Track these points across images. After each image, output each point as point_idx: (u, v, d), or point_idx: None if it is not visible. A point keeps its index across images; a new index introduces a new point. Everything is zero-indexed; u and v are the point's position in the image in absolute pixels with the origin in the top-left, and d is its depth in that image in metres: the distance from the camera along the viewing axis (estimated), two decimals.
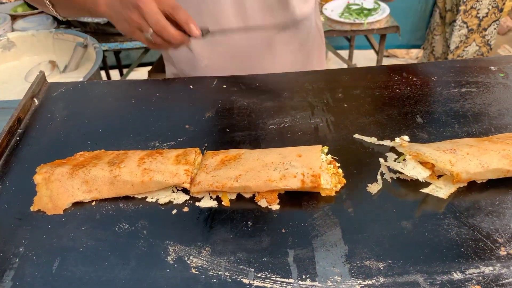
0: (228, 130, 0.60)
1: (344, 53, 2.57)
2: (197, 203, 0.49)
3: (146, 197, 0.50)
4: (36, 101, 0.65)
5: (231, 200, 0.49)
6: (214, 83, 0.69)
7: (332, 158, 0.53)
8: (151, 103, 0.65)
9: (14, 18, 2.15)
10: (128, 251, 0.44)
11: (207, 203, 0.49)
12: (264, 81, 0.70)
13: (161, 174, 0.49)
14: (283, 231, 0.46)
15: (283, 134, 0.59)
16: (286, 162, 0.50)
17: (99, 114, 0.63)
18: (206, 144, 0.57)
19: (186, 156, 0.52)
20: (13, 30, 1.52)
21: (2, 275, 0.42)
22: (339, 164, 0.53)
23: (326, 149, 0.54)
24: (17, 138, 0.59)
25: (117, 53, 2.39)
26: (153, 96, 0.67)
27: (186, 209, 0.49)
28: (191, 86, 0.69)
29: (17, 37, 1.12)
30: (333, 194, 0.49)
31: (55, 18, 1.95)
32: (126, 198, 0.50)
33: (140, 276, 0.42)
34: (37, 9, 1.86)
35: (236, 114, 0.63)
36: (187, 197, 0.50)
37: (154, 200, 0.50)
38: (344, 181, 0.51)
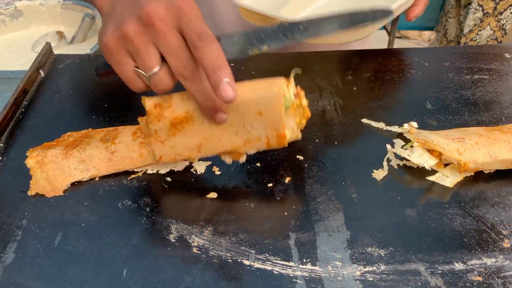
0: None
1: None
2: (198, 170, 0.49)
3: (146, 170, 0.50)
4: (42, 72, 0.64)
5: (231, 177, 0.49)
6: None
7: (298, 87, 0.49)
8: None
9: None
10: (130, 228, 0.44)
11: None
12: (273, 60, 0.68)
13: None
14: (286, 214, 0.46)
15: None
16: (246, 124, 0.45)
17: (105, 88, 0.62)
18: None
19: None
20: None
21: (5, 246, 0.42)
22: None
23: (292, 77, 0.48)
24: (22, 110, 0.59)
25: None
26: None
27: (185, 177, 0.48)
28: None
29: (25, 6, 1.11)
30: (300, 138, 0.47)
31: None
32: (127, 173, 0.50)
33: (142, 253, 0.42)
34: None
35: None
36: (187, 163, 0.50)
37: (155, 171, 0.50)
38: (309, 114, 0.48)
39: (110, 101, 0.60)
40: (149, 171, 0.50)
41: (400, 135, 0.54)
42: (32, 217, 0.45)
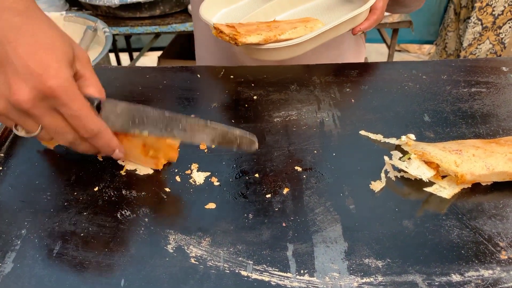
0: (233, 121, 0.60)
1: None
2: (197, 181, 0.49)
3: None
4: None
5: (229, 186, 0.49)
6: (222, 73, 0.69)
7: None
8: (158, 91, 0.65)
9: None
10: (128, 238, 0.44)
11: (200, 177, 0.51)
12: (272, 72, 0.69)
13: None
14: (284, 225, 0.46)
15: (288, 127, 0.58)
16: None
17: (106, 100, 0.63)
18: None
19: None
20: None
21: (4, 256, 0.42)
22: None
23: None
24: None
25: (127, 37, 2.39)
26: (160, 84, 0.67)
27: (183, 187, 0.49)
28: (198, 75, 0.68)
29: None
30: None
31: (66, 0, 1.95)
32: (129, 185, 0.50)
33: (140, 263, 0.42)
34: None
35: (241, 105, 0.62)
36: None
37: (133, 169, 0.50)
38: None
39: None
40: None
41: (398, 147, 0.55)
42: (31, 226, 0.45)
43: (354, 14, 0.64)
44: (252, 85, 0.66)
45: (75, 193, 0.49)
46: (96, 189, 0.50)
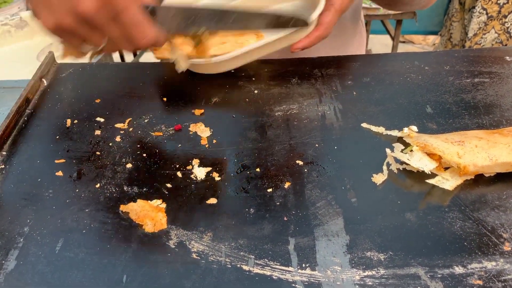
0: (234, 116, 0.59)
1: None
2: (198, 176, 0.49)
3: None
4: (45, 81, 0.65)
5: (231, 178, 0.49)
6: None
7: None
8: (159, 87, 0.65)
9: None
10: (130, 235, 0.44)
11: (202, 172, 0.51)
12: (273, 66, 0.69)
13: None
14: (285, 219, 0.46)
15: (289, 121, 0.58)
16: None
17: (106, 96, 0.63)
18: (211, 130, 0.57)
19: None
20: (28, 9, 1.52)
21: (7, 254, 0.43)
22: None
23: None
24: (25, 118, 0.59)
25: None
26: (161, 80, 0.67)
27: (185, 183, 0.49)
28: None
29: (30, 16, 1.12)
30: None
31: None
32: (130, 181, 0.50)
33: (141, 260, 0.42)
34: None
35: (242, 100, 0.62)
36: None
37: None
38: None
39: (112, 109, 0.61)
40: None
41: (400, 139, 0.54)
42: (34, 224, 0.46)
43: (291, 32, 0.59)
44: (253, 79, 0.66)
45: (77, 190, 0.49)
46: (97, 185, 0.50)
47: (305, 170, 0.51)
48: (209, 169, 0.52)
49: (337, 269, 0.41)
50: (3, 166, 0.52)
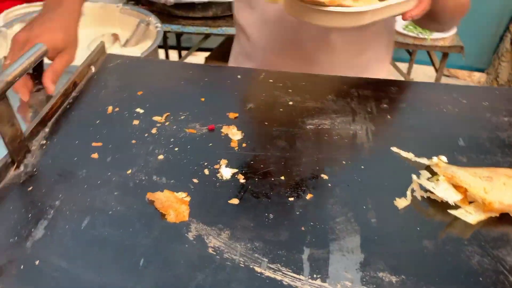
0: (266, 123, 0.61)
1: (403, 66, 2.51)
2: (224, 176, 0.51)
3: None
4: (93, 68, 0.69)
5: (255, 186, 0.50)
6: (262, 76, 0.70)
7: None
8: (198, 87, 0.68)
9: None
10: (153, 222, 0.46)
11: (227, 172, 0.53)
12: (311, 81, 0.70)
13: None
14: (303, 229, 0.46)
15: (320, 135, 0.59)
16: None
17: (149, 90, 0.66)
18: (243, 134, 0.59)
19: None
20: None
21: (37, 223, 0.45)
22: None
23: None
24: (71, 100, 0.63)
25: (178, 35, 2.46)
26: (201, 81, 0.69)
27: (210, 181, 0.50)
28: (239, 76, 0.70)
29: (86, 7, 1.18)
30: None
31: None
32: (160, 172, 0.52)
33: (160, 247, 0.44)
34: None
35: (276, 109, 0.64)
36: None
37: None
38: None
39: (152, 102, 0.63)
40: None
41: (428, 168, 0.54)
42: (65, 199, 0.48)
43: None
44: (290, 90, 0.67)
45: (109, 174, 0.52)
46: (129, 172, 0.52)
47: (329, 184, 0.52)
48: (235, 170, 0.53)
49: (348, 284, 0.41)
50: (44, 142, 0.56)
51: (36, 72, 0.63)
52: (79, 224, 0.46)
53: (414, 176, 0.52)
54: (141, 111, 0.62)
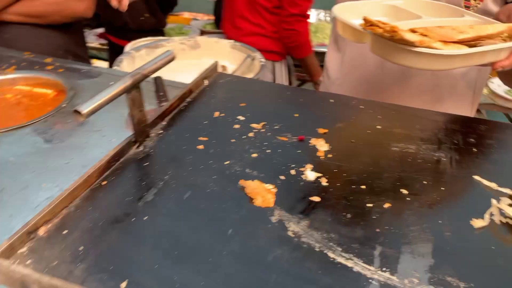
0: (353, 141, 0.66)
1: None
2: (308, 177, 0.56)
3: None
4: (206, 82, 0.80)
5: (338, 189, 0.55)
6: (353, 102, 0.76)
7: None
8: (293, 105, 0.75)
9: (202, 33, 2.53)
10: (242, 203, 0.53)
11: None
12: (401, 112, 0.74)
13: None
14: (377, 230, 0.50)
15: (403, 157, 0.62)
16: None
17: (250, 103, 0.75)
18: (330, 146, 0.64)
19: None
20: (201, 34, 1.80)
21: (148, 189, 0.54)
22: None
23: None
24: (185, 104, 0.73)
25: None
26: (296, 101, 0.77)
27: (295, 180, 0.56)
28: (331, 100, 0.77)
29: (203, 40, 1.35)
30: None
31: None
32: (253, 166, 0.59)
33: (246, 222, 0.50)
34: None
35: (364, 130, 0.68)
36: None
37: None
38: None
39: (252, 112, 0.72)
40: None
41: (510, 197, 0.55)
42: (172, 175, 0.57)
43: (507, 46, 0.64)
44: (379, 117, 0.72)
45: (210, 161, 0.60)
46: (226, 162, 0.60)
47: (408, 199, 0.55)
48: (319, 174, 0.58)
49: (415, 281, 0.43)
50: (161, 132, 0.66)
51: None
52: (182, 195, 0.53)
53: (494, 201, 0.53)
54: (242, 118, 0.70)
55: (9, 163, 0.67)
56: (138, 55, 1.24)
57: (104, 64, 2.38)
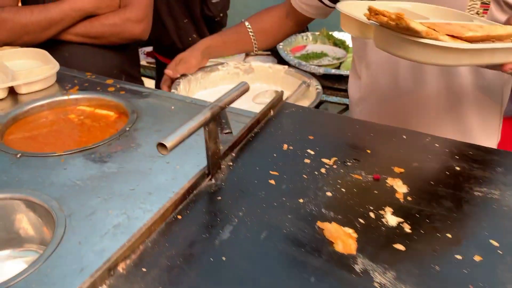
0: (432, 183, 0.62)
1: None
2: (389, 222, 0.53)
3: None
4: (272, 112, 0.78)
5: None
6: (427, 140, 0.72)
7: None
8: (364, 140, 0.72)
9: (247, 55, 2.54)
10: (321, 247, 0.50)
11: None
12: (478, 153, 0.70)
13: None
14: (470, 287, 0.46)
15: (488, 203, 0.58)
16: None
17: (319, 136, 0.72)
18: (408, 188, 0.61)
19: None
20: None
21: (224, 226, 0.52)
22: None
23: None
24: (253, 134, 0.72)
25: None
26: (367, 135, 0.74)
27: (377, 225, 0.53)
28: (404, 136, 0.73)
29: (257, 66, 1.35)
30: None
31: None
32: (329, 207, 0.57)
33: (328, 270, 0.47)
34: (268, 51, 2.16)
35: (443, 171, 0.65)
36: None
37: None
38: None
39: (321, 146, 0.69)
40: None
41: None
42: (247, 212, 0.55)
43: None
44: (456, 157, 0.68)
45: (284, 199, 0.58)
46: (301, 200, 0.57)
47: (499, 251, 0.51)
48: (401, 219, 0.55)
49: None
50: (231, 163, 0.64)
51: None
52: (258, 235, 0.51)
53: None
54: (312, 152, 0.68)
55: (76, 186, 0.67)
56: (194, 78, 1.25)
57: (150, 82, 2.42)
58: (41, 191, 0.66)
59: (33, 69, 1.04)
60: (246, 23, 1.25)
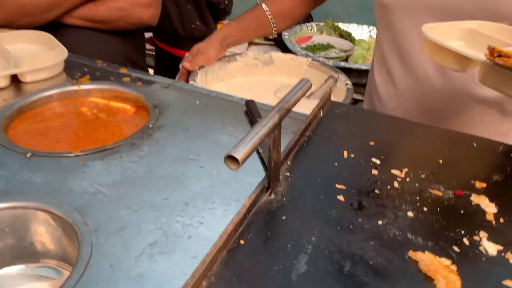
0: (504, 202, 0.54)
1: None
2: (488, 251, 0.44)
3: None
4: (321, 112, 0.69)
5: None
6: (501, 148, 0.64)
7: None
8: (432, 147, 0.63)
9: (249, 43, 2.43)
10: (420, 284, 0.41)
11: None
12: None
13: None
14: None
15: None
16: None
17: (381, 142, 0.63)
18: (497, 207, 0.52)
19: None
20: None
21: (297, 255, 0.43)
22: None
23: None
24: (305, 138, 0.62)
25: None
26: (435, 141, 0.65)
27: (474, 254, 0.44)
28: (474, 144, 0.65)
29: (278, 57, 1.24)
30: None
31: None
32: (413, 229, 0.48)
33: None
34: (271, 40, 2.06)
35: (507, 180, 0.56)
36: None
37: None
38: None
39: (386, 154, 0.61)
40: None
41: None
42: (320, 237, 0.46)
43: None
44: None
45: (360, 220, 0.49)
46: (380, 222, 0.48)
47: None
48: (500, 247, 0.46)
49: None
50: (288, 174, 0.55)
51: None
52: (341, 267, 0.42)
53: None
54: (377, 161, 0.59)
55: (100, 194, 0.57)
56: (211, 69, 1.14)
57: (149, 71, 2.30)
58: (59, 199, 0.56)
59: (38, 54, 0.92)
60: (263, 5, 1.14)
